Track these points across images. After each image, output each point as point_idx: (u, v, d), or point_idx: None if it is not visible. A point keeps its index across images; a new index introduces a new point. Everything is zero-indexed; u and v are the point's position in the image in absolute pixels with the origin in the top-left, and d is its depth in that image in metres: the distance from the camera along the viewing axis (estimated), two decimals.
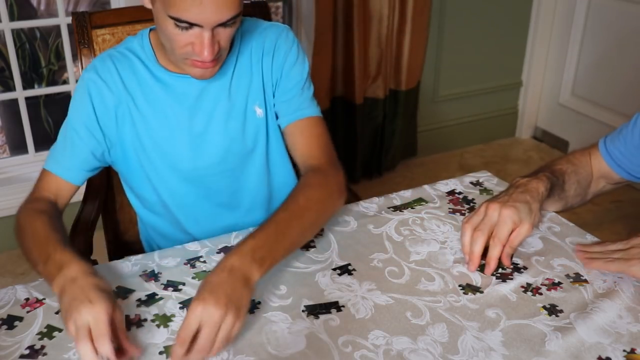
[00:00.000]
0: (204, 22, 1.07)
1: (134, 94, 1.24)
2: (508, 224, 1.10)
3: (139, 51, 1.26)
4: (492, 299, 1.05)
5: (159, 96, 1.25)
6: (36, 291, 1.06)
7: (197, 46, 1.10)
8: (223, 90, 1.26)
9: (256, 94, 1.30)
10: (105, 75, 1.23)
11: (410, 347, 0.95)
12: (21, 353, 0.94)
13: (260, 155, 1.33)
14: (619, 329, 0.99)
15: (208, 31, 1.09)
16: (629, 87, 2.92)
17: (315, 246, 1.19)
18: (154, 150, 1.27)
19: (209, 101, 1.26)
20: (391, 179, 3.06)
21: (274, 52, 1.28)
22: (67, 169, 1.24)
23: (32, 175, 2.50)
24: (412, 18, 2.78)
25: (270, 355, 0.93)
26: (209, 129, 1.27)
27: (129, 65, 1.25)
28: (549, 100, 3.39)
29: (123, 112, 1.24)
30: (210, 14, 1.06)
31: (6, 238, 2.46)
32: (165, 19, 1.09)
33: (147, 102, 1.25)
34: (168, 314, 1.01)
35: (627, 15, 2.88)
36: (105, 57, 1.25)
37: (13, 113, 2.86)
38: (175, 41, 1.11)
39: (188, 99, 1.25)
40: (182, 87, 1.25)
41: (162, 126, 1.26)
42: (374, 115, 2.92)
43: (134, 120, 1.25)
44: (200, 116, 1.26)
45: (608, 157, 1.28)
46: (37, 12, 3.33)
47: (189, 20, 1.07)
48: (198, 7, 1.04)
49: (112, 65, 1.24)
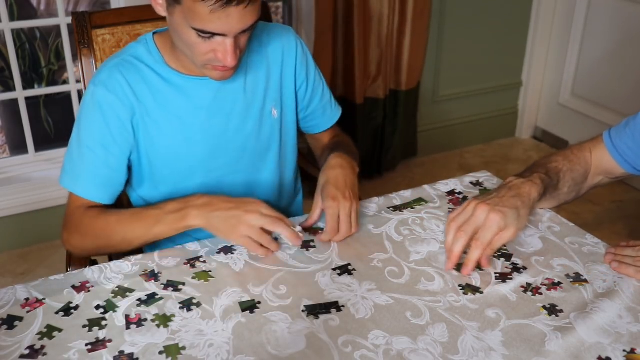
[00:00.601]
0: (228, 31, 1.08)
1: (145, 102, 1.23)
2: (493, 229, 1.09)
3: (145, 57, 1.24)
4: (492, 299, 1.05)
5: (173, 100, 1.24)
6: (36, 291, 1.06)
7: (221, 53, 1.11)
8: (239, 89, 1.27)
9: (273, 95, 1.32)
10: (115, 89, 1.21)
11: (410, 347, 0.95)
12: (21, 353, 0.94)
13: (274, 154, 1.35)
14: (619, 329, 0.99)
15: (231, 39, 1.10)
16: (629, 87, 2.92)
17: (315, 246, 1.19)
18: (168, 156, 1.26)
19: (227, 101, 1.27)
20: (391, 179, 3.06)
21: (295, 57, 1.34)
22: (95, 192, 1.24)
23: (32, 175, 2.51)
24: (412, 18, 2.78)
25: (270, 355, 0.93)
26: (228, 129, 1.28)
27: (138, 74, 1.23)
28: (549, 100, 3.38)
29: (137, 122, 1.23)
30: (236, 24, 1.07)
31: (6, 238, 2.48)
32: (188, 29, 1.09)
33: (160, 108, 1.24)
34: (168, 314, 1.01)
35: (627, 15, 2.88)
36: (111, 68, 1.22)
37: (13, 113, 2.86)
38: (197, 49, 1.12)
39: (204, 101, 1.25)
40: (197, 89, 1.24)
41: (177, 131, 1.25)
42: (374, 115, 2.92)
43: (147, 128, 1.24)
44: (219, 117, 1.27)
45: (614, 151, 1.25)
46: (37, 12, 3.33)
47: (214, 31, 1.08)
48: (225, 19, 1.05)
49: (120, 77, 1.21)
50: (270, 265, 1.13)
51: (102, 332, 0.97)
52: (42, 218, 2.49)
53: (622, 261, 1.11)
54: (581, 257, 1.16)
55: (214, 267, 1.13)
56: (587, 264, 1.14)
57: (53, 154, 2.53)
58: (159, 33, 1.27)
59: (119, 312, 1.01)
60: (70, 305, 1.03)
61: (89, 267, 1.13)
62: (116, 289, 1.07)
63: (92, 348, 0.94)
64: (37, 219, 2.49)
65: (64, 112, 2.85)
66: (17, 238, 2.50)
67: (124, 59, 1.24)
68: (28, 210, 2.47)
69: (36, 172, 2.52)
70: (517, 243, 1.20)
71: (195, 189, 1.29)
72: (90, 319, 1.00)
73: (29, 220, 2.49)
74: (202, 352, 0.93)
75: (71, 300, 1.04)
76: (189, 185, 1.30)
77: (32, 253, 2.48)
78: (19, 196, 2.46)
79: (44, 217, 2.50)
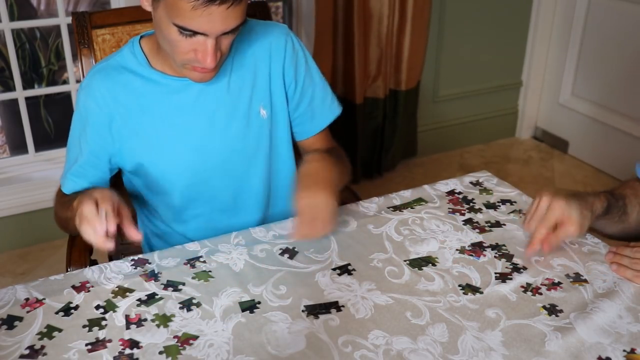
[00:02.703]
0: (209, 31, 1.07)
1: (129, 106, 1.23)
2: (556, 213, 1.12)
3: (130, 61, 1.24)
4: (492, 299, 1.05)
5: (157, 102, 1.24)
6: (36, 291, 1.06)
7: (200, 53, 1.10)
8: (222, 89, 1.26)
9: (261, 94, 1.29)
10: (95, 95, 1.23)
11: (410, 347, 0.95)
12: (21, 353, 0.94)
13: (264, 156, 1.33)
14: (619, 329, 0.99)
15: (212, 39, 1.09)
16: (629, 87, 2.92)
17: (315, 246, 1.19)
18: (154, 159, 1.26)
19: (210, 102, 1.26)
20: (391, 179, 3.05)
21: (284, 56, 1.29)
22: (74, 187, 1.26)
23: (32, 175, 2.51)
24: (412, 18, 2.78)
25: (270, 355, 0.93)
26: (212, 129, 1.27)
27: (119, 79, 1.23)
28: (549, 100, 3.38)
29: (118, 127, 1.24)
30: (218, 24, 1.07)
31: (6, 238, 2.48)
32: (169, 25, 1.08)
33: (144, 112, 1.24)
34: (168, 314, 1.01)
35: (627, 15, 2.88)
36: (94, 74, 1.24)
37: (13, 113, 2.86)
38: (178, 47, 1.11)
39: (187, 101, 1.25)
40: (181, 89, 1.24)
41: (162, 133, 1.25)
42: (374, 115, 2.92)
43: (130, 132, 1.24)
44: (203, 117, 1.26)
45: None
46: (37, 12, 3.33)
47: (195, 29, 1.07)
48: (207, 17, 1.05)
49: (100, 83, 1.23)
50: (270, 265, 1.13)
51: (102, 332, 0.97)
52: (42, 218, 2.49)
53: (620, 262, 1.12)
54: (581, 257, 1.16)
55: (214, 267, 1.13)
56: (587, 264, 1.14)
57: (53, 154, 2.53)
58: (147, 36, 1.27)
59: (119, 312, 1.01)
60: (70, 305, 1.03)
61: (89, 267, 1.13)
62: (116, 289, 1.07)
63: (92, 348, 0.94)
64: (37, 219, 2.49)
65: (64, 112, 2.84)
66: (17, 238, 2.50)
67: (108, 64, 1.25)
68: (28, 210, 2.47)
69: (36, 172, 2.52)
70: (517, 243, 1.20)
71: (182, 190, 1.30)
72: (90, 319, 1.00)
73: (29, 220, 2.49)
74: (202, 352, 0.93)
75: (71, 300, 1.04)
76: (175, 188, 1.30)
77: (32, 253, 2.48)
78: (19, 196, 2.46)
79: (44, 217, 2.49)
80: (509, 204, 1.34)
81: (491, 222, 1.27)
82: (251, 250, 1.17)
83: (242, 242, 1.21)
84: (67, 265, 1.31)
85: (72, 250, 1.35)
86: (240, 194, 1.34)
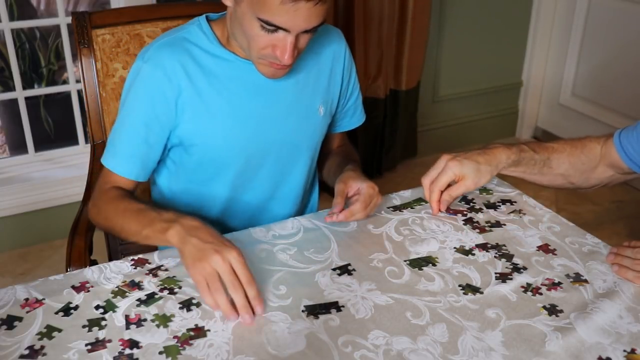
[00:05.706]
0: (292, 27, 1.08)
1: (198, 84, 1.22)
2: (449, 174, 1.23)
3: (198, 37, 1.23)
4: (492, 299, 1.05)
5: (224, 81, 1.23)
6: (36, 291, 1.06)
7: (279, 50, 1.11)
8: (291, 80, 1.27)
9: (322, 93, 1.33)
10: (164, 65, 1.19)
11: (410, 347, 0.95)
12: (21, 353, 0.93)
13: (311, 152, 1.37)
14: (619, 329, 0.99)
15: (293, 36, 1.10)
16: (630, 87, 2.92)
17: (315, 246, 1.19)
18: (210, 139, 1.25)
19: (276, 91, 1.26)
20: (391, 179, 3.05)
21: (344, 60, 1.36)
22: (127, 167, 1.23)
23: (32, 175, 2.51)
24: (412, 18, 2.78)
25: (270, 355, 0.93)
26: (271, 119, 1.27)
27: (189, 54, 1.21)
28: (549, 100, 3.38)
29: (183, 102, 1.22)
30: (301, 21, 1.08)
31: (6, 238, 2.48)
32: (252, 19, 1.09)
33: (213, 91, 1.22)
34: (168, 314, 1.01)
35: (628, 15, 2.88)
36: (162, 46, 1.22)
37: (13, 113, 2.86)
38: (257, 42, 1.12)
39: (254, 85, 1.24)
40: (250, 72, 1.22)
41: (226, 114, 1.24)
42: (374, 115, 2.92)
43: (194, 109, 1.23)
44: (265, 105, 1.26)
45: (621, 151, 1.26)
46: (37, 12, 3.33)
47: (278, 24, 1.08)
48: (292, 13, 1.06)
49: (171, 55, 1.20)
50: (270, 265, 1.13)
51: (101, 332, 0.97)
52: (42, 218, 2.49)
53: (621, 263, 1.11)
54: (581, 257, 1.16)
55: None
56: (587, 264, 1.14)
57: (53, 154, 2.54)
58: (215, 20, 1.26)
59: (118, 312, 1.01)
60: (70, 305, 1.03)
61: (88, 267, 1.13)
62: (116, 289, 1.07)
63: (92, 348, 0.94)
64: (37, 219, 2.49)
65: (63, 112, 2.84)
66: (17, 238, 2.50)
67: (175, 37, 1.23)
68: (28, 210, 2.47)
69: (36, 172, 2.52)
70: (517, 243, 1.20)
71: (231, 176, 1.30)
72: (90, 319, 1.00)
73: (29, 220, 2.49)
74: (202, 352, 0.93)
75: (71, 300, 1.04)
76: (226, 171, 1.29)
77: (32, 253, 2.48)
78: (19, 196, 2.46)
79: (44, 217, 2.50)
80: (509, 204, 1.34)
81: (491, 222, 1.27)
82: (251, 251, 1.17)
83: (242, 242, 1.20)
84: (67, 265, 1.31)
85: (72, 250, 1.35)
86: (280, 187, 1.36)
